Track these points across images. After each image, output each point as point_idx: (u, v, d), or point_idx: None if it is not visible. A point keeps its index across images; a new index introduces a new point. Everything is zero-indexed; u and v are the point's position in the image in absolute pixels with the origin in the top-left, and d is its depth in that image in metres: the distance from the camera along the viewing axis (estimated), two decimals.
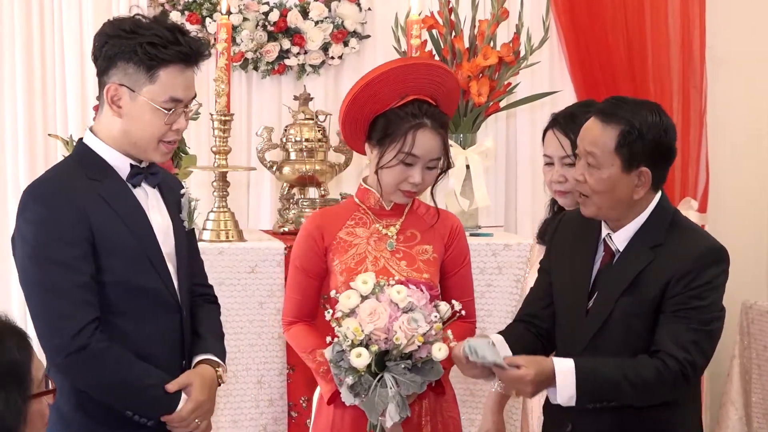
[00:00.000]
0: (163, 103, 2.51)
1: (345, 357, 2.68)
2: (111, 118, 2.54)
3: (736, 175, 5.22)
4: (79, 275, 2.45)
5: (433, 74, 2.90)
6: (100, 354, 2.45)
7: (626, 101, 2.66)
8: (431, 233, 2.96)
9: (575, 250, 2.76)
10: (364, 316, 2.66)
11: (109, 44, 2.51)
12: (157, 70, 2.49)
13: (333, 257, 2.89)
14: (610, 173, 2.59)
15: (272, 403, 3.87)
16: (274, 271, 3.85)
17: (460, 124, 4.30)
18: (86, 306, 2.45)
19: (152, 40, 2.48)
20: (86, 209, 2.47)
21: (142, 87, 2.50)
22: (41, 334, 2.47)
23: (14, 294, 4.75)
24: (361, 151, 3.01)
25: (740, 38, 5.18)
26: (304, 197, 4.20)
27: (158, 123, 2.52)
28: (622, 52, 4.97)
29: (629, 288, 2.61)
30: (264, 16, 4.84)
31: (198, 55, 2.56)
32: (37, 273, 2.47)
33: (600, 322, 2.64)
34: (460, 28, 4.34)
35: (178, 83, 2.53)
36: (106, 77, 2.53)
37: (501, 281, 3.99)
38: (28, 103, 4.71)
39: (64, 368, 2.47)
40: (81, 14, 4.73)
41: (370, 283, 2.71)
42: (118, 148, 2.55)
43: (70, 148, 4.03)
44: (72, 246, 2.45)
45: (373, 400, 2.68)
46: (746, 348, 4.79)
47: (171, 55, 2.50)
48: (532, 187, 5.05)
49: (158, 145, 2.55)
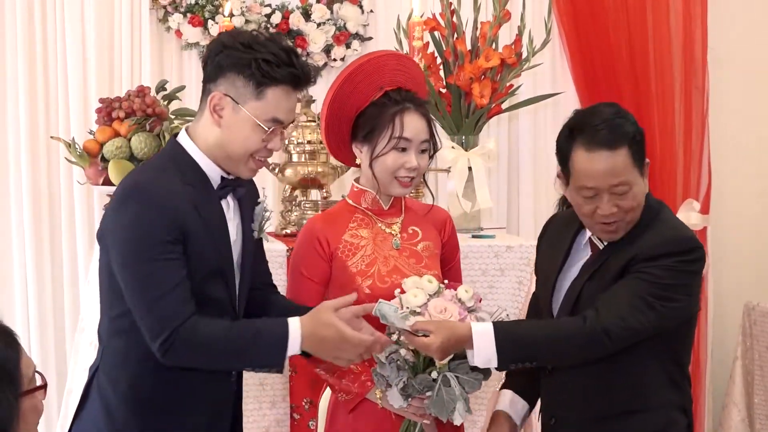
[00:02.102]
0: (265, 121, 2.52)
1: (399, 357, 2.65)
2: (210, 125, 2.55)
3: (739, 177, 5.22)
4: (177, 273, 2.45)
5: (403, 64, 2.94)
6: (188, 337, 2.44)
7: (603, 119, 2.61)
8: (429, 228, 2.97)
9: (554, 245, 2.82)
10: (435, 313, 2.63)
11: (223, 53, 2.51)
12: (265, 88, 2.50)
13: (341, 261, 2.87)
14: (638, 184, 2.63)
15: (274, 404, 3.87)
16: (277, 272, 3.84)
17: (463, 125, 4.30)
18: (186, 304, 2.45)
19: (267, 58, 2.49)
20: (180, 214, 2.47)
21: (247, 101, 2.51)
22: (147, 329, 2.46)
23: (15, 295, 4.76)
24: (347, 160, 2.99)
25: (742, 39, 5.19)
26: (307, 199, 4.20)
27: (256, 139, 2.53)
28: (624, 53, 4.97)
29: (594, 273, 2.66)
30: (266, 19, 4.85)
31: (307, 80, 2.58)
32: (139, 272, 2.45)
33: (568, 308, 2.68)
34: (462, 30, 4.34)
35: (283, 105, 2.53)
36: (213, 85, 2.54)
37: (503, 283, 3.99)
38: (31, 105, 4.71)
39: (165, 360, 2.47)
40: (83, 17, 4.74)
41: (435, 282, 2.70)
42: (211, 157, 2.56)
43: (72, 150, 4.04)
44: (169, 245, 2.45)
45: (442, 399, 2.65)
46: (749, 349, 4.79)
47: (283, 75, 2.50)
48: (534, 188, 5.06)
49: (248, 161, 2.56)
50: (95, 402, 2.58)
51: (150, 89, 4.07)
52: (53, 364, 4.75)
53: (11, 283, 4.77)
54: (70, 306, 4.74)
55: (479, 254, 3.97)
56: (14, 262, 4.76)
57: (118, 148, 3.93)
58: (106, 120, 4.04)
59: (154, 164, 2.61)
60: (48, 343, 4.76)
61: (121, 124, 3.98)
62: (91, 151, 4.00)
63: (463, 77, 4.22)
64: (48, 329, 4.76)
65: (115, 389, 2.55)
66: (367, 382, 2.79)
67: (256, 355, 2.49)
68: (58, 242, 4.77)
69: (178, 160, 2.56)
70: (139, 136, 3.93)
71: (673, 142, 4.97)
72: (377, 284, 2.84)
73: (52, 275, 4.77)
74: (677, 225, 2.72)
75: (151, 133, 3.95)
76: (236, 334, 2.47)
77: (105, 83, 4.73)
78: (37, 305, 4.73)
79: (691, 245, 2.64)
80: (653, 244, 2.61)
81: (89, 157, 4.01)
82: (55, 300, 4.77)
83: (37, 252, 4.73)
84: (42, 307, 4.75)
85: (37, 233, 4.74)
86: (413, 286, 2.69)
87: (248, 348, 2.47)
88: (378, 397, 2.78)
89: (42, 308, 4.75)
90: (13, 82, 4.71)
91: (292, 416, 3.87)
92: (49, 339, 4.76)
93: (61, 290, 4.77)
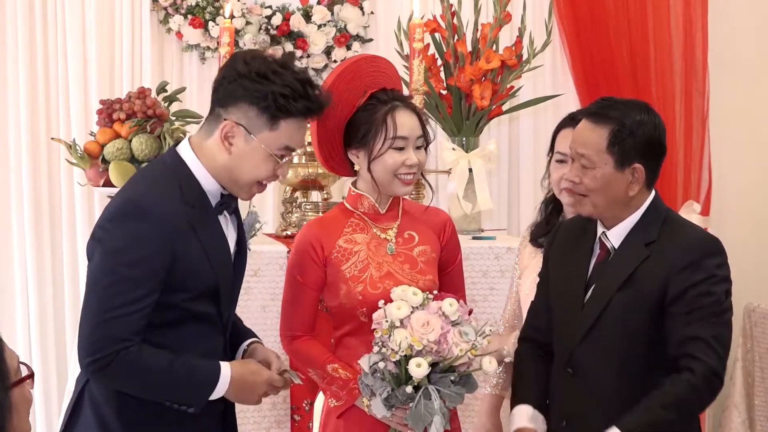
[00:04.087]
0: (277, 150, 2.51)
1: (382, 368, 2.64)
2: (219, 150, 2.51)
3: (739, 178, 5.22)
4: (141, 300, 2.41)
5: (379, 65, 2.94)
6: (131, 361, 2.42)
7: (615, 101, 2.71)
8: (427, 232, 2.95)
9: (571, 251, 2.80)
10: (417, 326, 2.62)
11: (237, 82, 2.48)
12: (279, 120, 2.48)
13: (335, 266, 2.86)
14: (604, 172, 2.64)
15: (275, 406, 3.87)
16: (277, 274, 3.85)
17: (463, 127, 4.31)
18: (137, 331, 2.42)
19: (284, 92, 2.46)
20: (176, 236, 2.43)
21: (260, 132, 2.48)
22: (89, 341, 2.43)
23: (16, 296, 4.76)
24: (342, 171, 2.98)
25: (743, 41, 5.19)
26: (307, 201, 4.20)
27: (267, 168, 2.52)
28: (624, 55, 4.97)
29: (626, 284, 2.64)
30: (267, 20, 4.85)
31: (321, 111, 2.58)
32: (104, 279, 2.43)
33: (596, 315, 2.66)
34: (463, 32, 4.34)
35: (296, 135, 2.53)
36: (224, 111, 2.50)
37: (503, 285, 3.98)
38: (32, 106, 4.72)
39: (94, 376, 2.46)
40: (84, 18, 4.75)
41: (420, 295, 2.68)
42: (215, 176, 2.52)
43: (72, 151, 4.04)
44: (150, 271, 2.41)
45: (419, 412, 2.64)
46: (749, 351, 4.79)
47: (299, 109, 2.49)
48: (534, 190, 5.05)
49: (254, 186, 2.55)
50: (87, 413, 2.55)
51: (151, 91, 4.07)
52: (54, 365, 4.75)
53: (12, 285, 4.77)
54: (71, 308, 4.74)
55: (479, 256, 3.97)
56: (15, 264, 4.76)
57: (119, 150, 3.93)
58: (106, 121, 4.04)
59: (155, 176, 2.54)
60: (48, 345, 4.76)
61: (122, 126, 3.98)
62: (92, 152, 4.00)
63: (463, 79, 4.22)
64: (48, 331, 4.76)
65: (108, 399, 2.52)
66: (354, 389, 2.79)
67: (184, 392, 2.49)
68: (59, 243, 4.77)
69: (179, 175, 2.51)
70: (140, 137, 3.93)
71: (674, 143, 4.97)
72: (369, 290, 2.82)
73: (52, 276, 4.77)
74: (696, 228, 2.75)
75: (152, 134, 3.95)
76: (176, 368, 2.45)
77: (106, 85, 4.74)
78: (37, 307, 4.73)
79: (719, 245, 2.67)
80: (684, 252, 2.62)
81: (90, 159, 4.01)
82: (56, 301, 4.77)
83: (37, 253, 4.73)
84: (42, 309, 4.75)
85: (38, 234, 4.74)
86: (398, 298, 2.69)
87: (180, 384, 2.47)
88: (365, 404, 2.77)
89: (42, 310, 4.75)
90: (14, 83, 4.71)
91: (292, 417, 3.87)
92: (50, 341, 4.76)
93: (61, 292, 4.77)
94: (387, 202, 2.92)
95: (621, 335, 2.63)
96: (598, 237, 2.74)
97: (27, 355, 4.65)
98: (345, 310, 2.84)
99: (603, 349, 2.66)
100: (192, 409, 2.50)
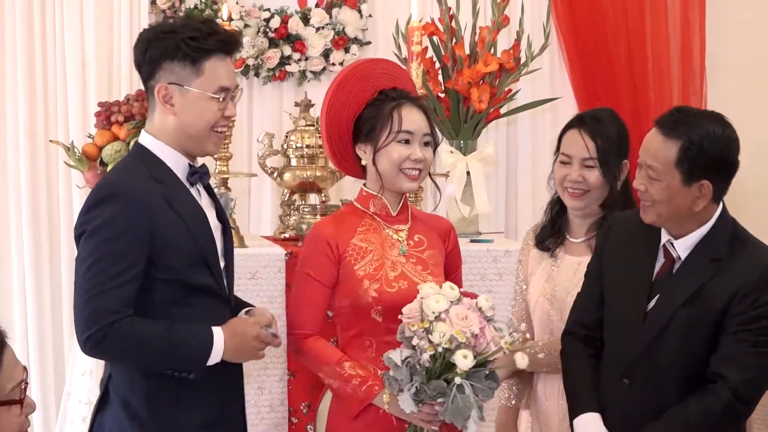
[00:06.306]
0: (214, 93, 2.62)
1: (414, 362, 2.65)
2: (164, 116, 2.64)
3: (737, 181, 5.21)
4: (125, 273, 2.52)
5: (390, 67, 3.00)
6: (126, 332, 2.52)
7: (688, 113, 2.68)
8: (434, 237, 2.98)
9: (631, 251, 2.77)
10: (456, 320, 2.64)
11: (151, 48, 2.61)
12: (202, 62, 2.60)
13: (348, 265, 2.87)
14: (670, 185, 2.62)
15: (273, 408, 3.87)
16: (275, 276, 3.85)
17: (461, 130, 4.31)
18: (128, 304, 2.52)
19: (192, 35, 2.59)
20: (152, 212, 2.55)
21: (191, 81, 2.61)
22: (83, 317, 2.53)
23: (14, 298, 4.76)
24: (352, 170, 3.00)
25: (740, 44, 5.19)
26: (305, 203, 4.21)
27: (212, 110, 2.63)
28: (622, 58, 4.98)
29: (691, 299, 2.62)
30: (265, 23, 4.86)
31: (235, 43, 2.68)
32: (88, 260, 2.53)
33: (658, 329, 2.65)
34: (461, 35, 4.35)
35: (223, 72, 2.63)
36: (153, 81, 2.63)
37: (501, 287, 3.99)
38: (30, 109, 4.72)
39: (93, 352, 2.56)
40: (82, 19, 4.74)
41: (456, 290, 2.70)
42: (174, 145, 2.65)
43: (71, 153, 4.04)
44: (134, 248, 2.52)
45: (458, 406, 2.65)
46: None
47: (213, 44, 2.61)
48: (532, 193, 5.06)
49: (211, 135, 2.65)
50: (115, 406, 2.63)
51: None
52: (51, 367, 4.75)
53: (10, 286, 4.76)
54: (68, 309, 4.73)
55: (477, 259, 3.97)
56: (13, 265, 4.75)
57: (117, 152, 3.94)
58: (105, 124, 4.04)
59: (122, 166, 2.70)
60: (46, 347, 4.76)
61: (120, 128, 3.99)
62: (90, 154, 4.01)
63: (461, 82, 4.22)
64: (46, 332, 4.76)
65: (132, 389, 2.61)
66: (374, 386, 2.78)
67: (182, 357, 2.58)
68: (57, 245, 4.77)
69: (143, 158, 2.64)
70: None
71: None
72: (384, 288, 2.84)
73: (50, 278, 4.77)
74: (759, 243, 2.74)
75: None
76: (170, 334, 2.55)
77: (104, 87, 4.73)
78: (35, 308, 4.73)
79: None
80: (753, 277, 2.61)
81: (88, 161, 4.02)
82: (54, 303, 4.77)
83: (35, 255, 4.73)
84: (40, 311, 4.74)
85: (36, 236, 4.74)
86: (433, 293, 2.69)
87: (176, 350, 2.57)
88: (385, 401, 2.76)
89: (40, 311, 4.74)
90: (13, 85, 4.70)
91: (290, 420, 3.87)
92: (47, 342, 4.76)
93: (59, 293, 4.76)
94: (398, 204, 2.94)
95: (680, 349, 2.62)
96: (663, 243, 2.71)
97: (25, 356, 4.65)
98: (357, 310, 2.85)
99: (663, 364, 2.64)
100: (192, 375, 2.58)
